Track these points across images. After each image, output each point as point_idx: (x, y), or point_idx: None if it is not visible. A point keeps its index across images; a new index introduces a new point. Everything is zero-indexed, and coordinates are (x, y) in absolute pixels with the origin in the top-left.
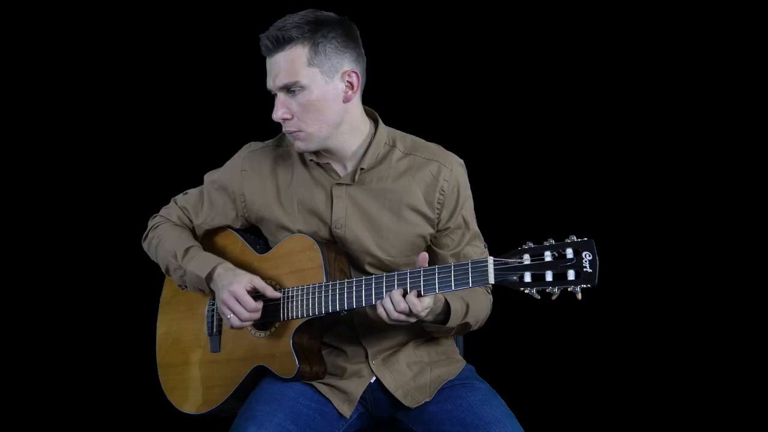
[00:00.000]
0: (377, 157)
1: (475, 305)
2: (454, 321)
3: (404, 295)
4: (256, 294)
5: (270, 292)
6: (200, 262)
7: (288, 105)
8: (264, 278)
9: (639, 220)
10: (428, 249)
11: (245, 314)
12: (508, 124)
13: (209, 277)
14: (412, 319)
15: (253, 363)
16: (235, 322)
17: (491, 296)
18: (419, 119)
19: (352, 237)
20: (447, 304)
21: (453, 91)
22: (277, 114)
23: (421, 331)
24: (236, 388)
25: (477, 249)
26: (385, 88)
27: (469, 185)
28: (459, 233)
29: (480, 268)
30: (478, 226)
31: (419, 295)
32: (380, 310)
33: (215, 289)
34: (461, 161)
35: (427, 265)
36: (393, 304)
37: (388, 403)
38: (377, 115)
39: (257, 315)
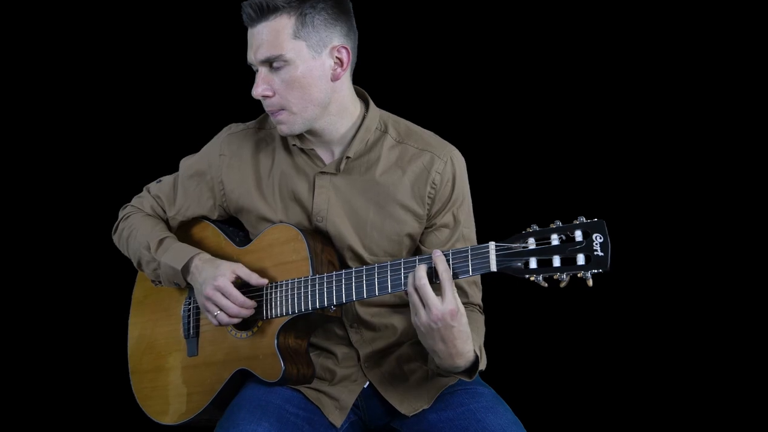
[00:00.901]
0: (366, 144)
1: (482, 338)
2: (474, 372)
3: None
4: (240, 285)
5: (255, 279)
6: (176, 253)
7: (270, 81)
8: None
9: (653, 198)
10: (417, 247)
11: (234, 309)
12: (511, 104)
13: (186, 270)
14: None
15: (234, 366)
16: (223, 318)
17: (484, 315)
18: (415, 102)
19: (334, 231)
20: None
21: (451, 71)
22: (257, 90)
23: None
24: (216, 395)
25: None
26: (378, 68)
27: (467, 184)
28: (446, 233)
29: (480, 254)
30: (479, 216)
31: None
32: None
33: (193, 283)
34: (460, 156)
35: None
36: (413, 277)
37: (383, 411)
38: (368, 96)
39: (247, 311)
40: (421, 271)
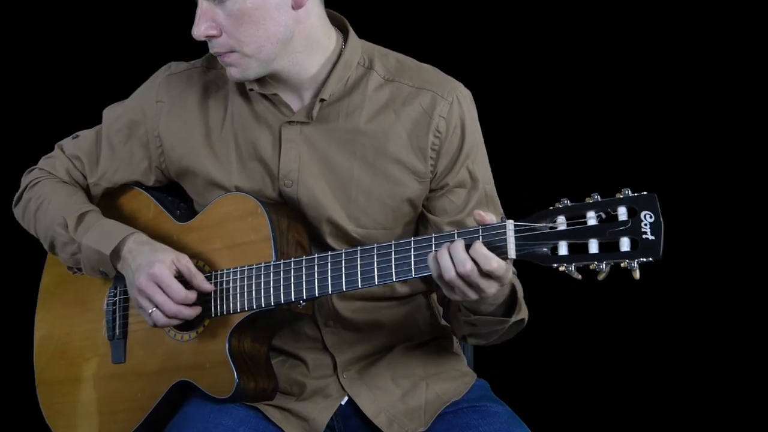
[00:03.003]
0: (346, 84)
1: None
2: (519, 310)
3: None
4: (181, 279)
5: (199, 281)
6: (102, 232)
7: (214, 17)
8: (189, 256)
9: (715, 167)
10: (421, 216)
11: (172, 308)
12: (539, 43)
13: (116, 255)
14: (484, 291)
15: (173, 378)
16: (159, 318)
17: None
18: (411, 34)
19: (308, 198)
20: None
21: None
22: (199, 29)
23: (411, 333)
24: (149, 414)
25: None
26: None
27: (479, 128)
28: (463, 194)
29: (495, 236)
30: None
31: None
32: (442, 264)
33: (125, 271)
34: (469, 94)
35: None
36: (453, 263)
37: None
38: (347, 23)
39: (190, 312)
40: (461, 252)
